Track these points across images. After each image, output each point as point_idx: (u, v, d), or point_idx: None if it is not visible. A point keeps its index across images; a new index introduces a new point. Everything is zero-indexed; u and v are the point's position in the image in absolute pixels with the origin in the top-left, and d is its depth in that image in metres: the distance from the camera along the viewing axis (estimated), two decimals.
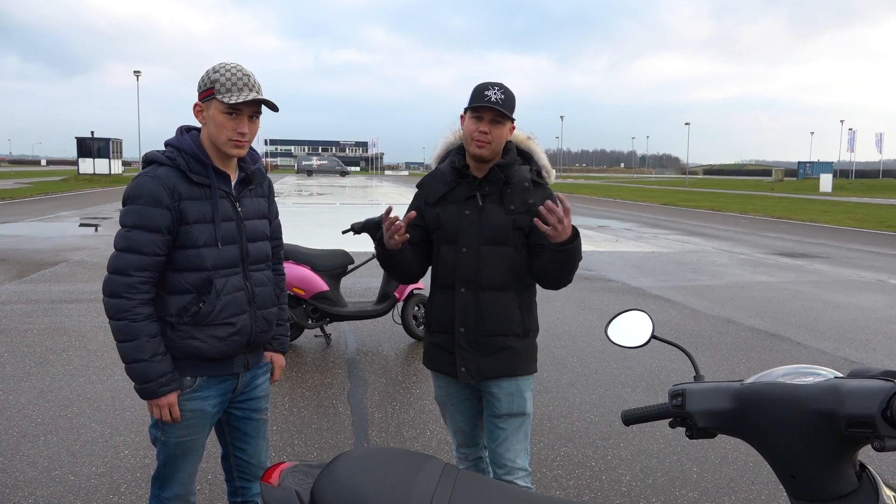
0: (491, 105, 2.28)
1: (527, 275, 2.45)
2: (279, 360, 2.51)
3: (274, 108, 2.16)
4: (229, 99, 2.07)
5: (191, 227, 2.10)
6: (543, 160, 2.54)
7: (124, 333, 2.06)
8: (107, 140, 46.03)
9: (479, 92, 2.32)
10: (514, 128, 2.45)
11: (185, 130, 2.21)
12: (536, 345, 2.56)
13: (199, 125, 2.20)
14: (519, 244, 2.42)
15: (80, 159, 45.89)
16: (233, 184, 2.22)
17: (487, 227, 2.39)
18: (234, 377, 2.28)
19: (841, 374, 1.19)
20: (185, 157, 2.12)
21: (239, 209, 2.22)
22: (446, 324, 2.45)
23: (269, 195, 2.42)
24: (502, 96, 2.31)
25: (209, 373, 2.20)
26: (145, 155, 2.19)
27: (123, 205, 2.11)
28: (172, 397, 2.12)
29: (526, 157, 2.53)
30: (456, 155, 2.48)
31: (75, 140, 46.08)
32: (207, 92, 2.09)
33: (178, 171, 2.10)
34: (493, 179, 2.41)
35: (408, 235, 2.33)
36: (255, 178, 2.30)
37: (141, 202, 2.06)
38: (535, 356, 2.54)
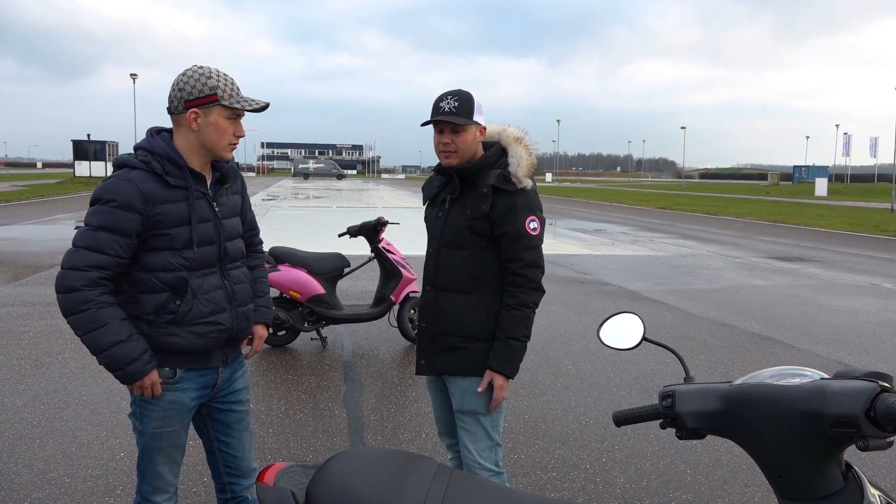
0: (444, 117, 2.33)
1: (494, 280, 2.44)
2: (260, 330, 2.48)
3: (266, 107, 2.20)
4: (240, 105, 2.10)
5: (168, 230, 2.09)
6: (515, 165, 2.41)
7: (92, 322, 2.02)
8: (103, 143, 45.97)
9: (434, 106, 2.38)
10: (483, 129, 2.45)
11: (155, 132, 2.19)
12: None
13: (168, 127, 2.20)
14: (482, 248, 2.42)
15: (76, 162, 45.84)
16: (209, 184, 2.22)
17: (448, 231, 2.46)
18: (214, 372, 2.28)
19: (827, 376, 1.21)
20: (160, 160, 2.10)
21: (217, 209, 2.22)
22: (420, 317, 2.59)
23: (243, 191, 2.43)
24: (455, 104, 2.33)
25: (187, 365, 2.21)
26: (117, 159, 2.15)
27: (91, 204, 2.08)
28: (156, 375, 2.13)
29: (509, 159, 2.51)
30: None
31: (71, 143, 46.02)
32: (209, 98, 2.08)
33: (152, 174, 2.08)
34: (459, 184, 2.46)
35: None
36: (229, 177, 2.30)
37: (112, 204, 2.02)
38: None
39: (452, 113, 2.32)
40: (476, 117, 2.38)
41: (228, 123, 2.13)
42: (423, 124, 2.41)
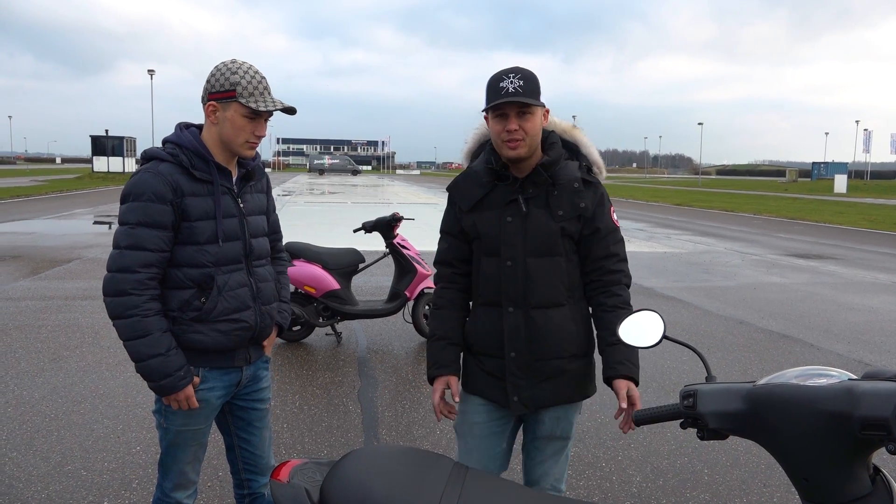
0: (510, 99, 1.97)
1: (580, 285, 2.18)
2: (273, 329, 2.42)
3: (294, 111, 2.19)
4: (256, 105, 2.07)
5: (193, 223, 2.10)
6: (593, 153, 2.22)
7: (135, 330, 2.03)
8: (121, 138, 46.40)
9: (494, 86, 2.01)
10: (547, 111, 2.12)
11: (184, 127, 2.20)
12: (594, 361, 2.25)
13: (195, 122, 2.20)
14: (570, 252, 2.13)
15: (94, 157, 46.30)
16: (234, 180, 2.22)
17: (534, 236, 2.09)
18: (238, 370, 2.28)
19: (854, 376, 1.17)
20: (187, 154, 2.11)
21: (241, 205, 2.22)
22: (493, 346, 2.14)
23: (268, 190, 2.43)
24: (521, 83, 1.99)
25: (211, 364, 2.20)
26: (145, 151, 2.17)
27: (123, 201, 2.08)
28: (190, 389, 2.12)
29: (572, 149, 2.22)
30: (491, 153, 2.15)
31: (90, 138, 46.48)
32: (227, 93, 2.07)
33: (179, 167, 2.09)
34: (538, 180, 2.09)
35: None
36: (255, 174, 2.30)
37: (144, 198, 2.04)
38: (594, 374, 2.26)
39: (519, 93, 1.98)
40: (542, 99, 2.05)
41: (246, 122, 2.10)
42: (487, 109, 2.03)
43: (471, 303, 2.28)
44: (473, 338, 2.20)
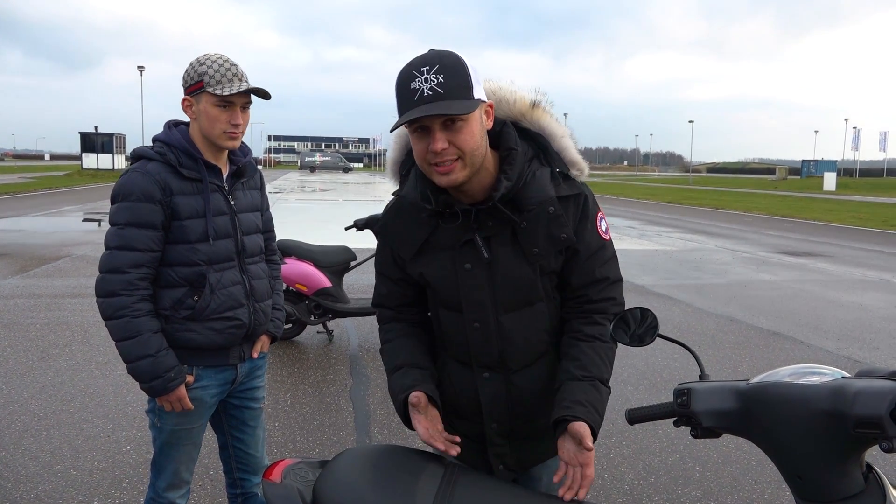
0: (427, 111, 1.36)
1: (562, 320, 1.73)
2: (264, 340, 2.40)
3: (266, 95, 2.14)
4: (221, 91, 2.04)
5: (183, 222, 2.08)
6: (569, 148, 1.63)
7: (125, 331, 2.02)
8: (110, 135, 46.13)
9: (403, 88, 1.40)
10: (490, 106, 1.52)
11: (173, 125, 2.19)
12: None
13: (186, 120, 2.19)
14: (551, 291, 1.66)
15: (83, 154, 46.06)
16: (224, 177, 2.21)
17: (505, 288, 1.59)
18: (233, 368, 2.27)
19: (847, 374, 1.18)
20: (175, 152, 2.10)
21: (232, 202, 2.21)
22: (469, 411, 1.70)
23: (261, 187, 2.41)
24: (440, 78, 1.37)
25: (205, 363, 2.19)
26: (134, 150, 2.17)
27: (113, 202, 2.08)
28: (182, 390, 2.11)
29: (536, 140, 1.62)
30: (423, 181, 1.55)
31: (79, 135, 46.21)
32: (196, 86, 2.06)
33: (168, 166, 2.08)
34: (497, 213, 1.55)
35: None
36: (246, 171, 2.28)
37: (132, 199, 2.03)
38: None
39: (439, 96, 1.37)
40: (476, 92, 1.43)
41: (219, 111, 2.07)
42: (394, 128, 1.47)
43: (433, 347, 1.79)
44: (444, 397, 1.70)
